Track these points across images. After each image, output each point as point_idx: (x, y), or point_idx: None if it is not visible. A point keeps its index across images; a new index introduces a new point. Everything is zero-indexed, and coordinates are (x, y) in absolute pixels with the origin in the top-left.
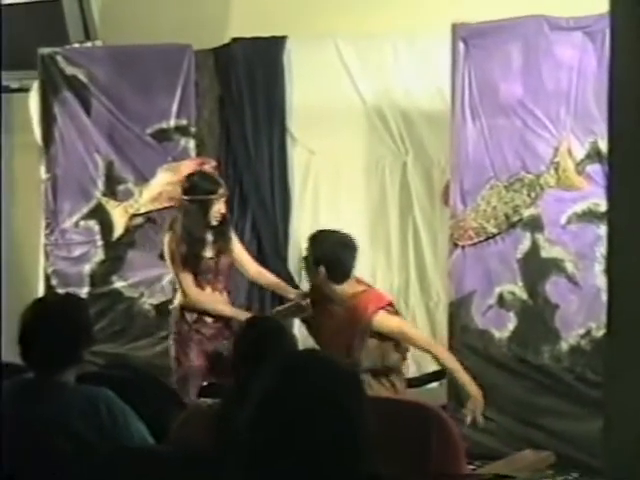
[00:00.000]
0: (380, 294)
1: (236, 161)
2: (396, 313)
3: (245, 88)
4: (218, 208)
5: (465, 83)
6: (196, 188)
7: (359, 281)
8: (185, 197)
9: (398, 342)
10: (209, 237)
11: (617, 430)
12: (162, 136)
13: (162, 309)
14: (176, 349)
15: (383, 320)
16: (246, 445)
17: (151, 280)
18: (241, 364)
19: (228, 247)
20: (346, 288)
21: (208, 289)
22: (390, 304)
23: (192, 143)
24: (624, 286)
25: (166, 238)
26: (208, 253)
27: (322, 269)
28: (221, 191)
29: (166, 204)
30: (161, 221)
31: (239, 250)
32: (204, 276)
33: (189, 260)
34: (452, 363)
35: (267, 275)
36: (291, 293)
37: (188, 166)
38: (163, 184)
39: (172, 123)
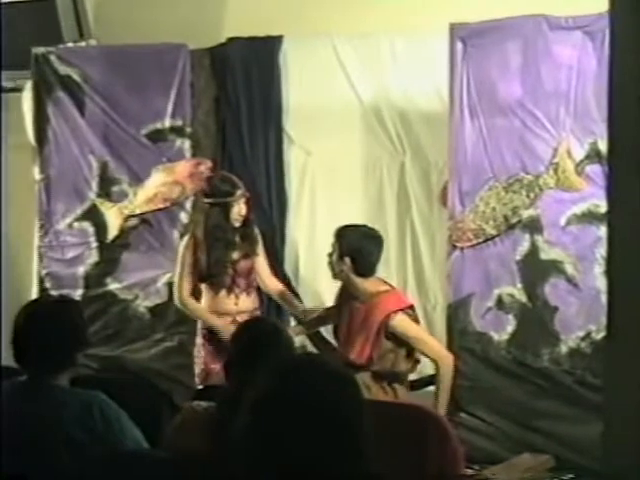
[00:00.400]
0: (401, 296)
1: (232, 162)
2: (416, 319)
3: (241, 88)
4: (238, 210)
5: (463, 83)
6: (216, 190)
7: (384, 281)
8: (206, 200)
9: (411, 351)
10: (236, 239)
11: (617, 434)
12: (157, 137)
13: (157, 311)
14: (203, 354)
15: (401, 322)
16: (242, 449)
17: (146, 282)
18: (236, 367)
19: (254, 249)
20: (370, 285)
21: (223, 292)
22: (411, 307)
23: (187, 144)
24: (624, 288)
25: (183, 241)
26: (235, 255)
27: (347, 260)
28: (239, 192)
29: (161, 205)
30: (156, 223)
31: (261, 255)
32: (220, 279)
33: (211, 265)
34: (446, 382)
35: (276, 282)
36: (296, 306)
37: (183, 167)
38: (158, 185)
39: (167, 123)
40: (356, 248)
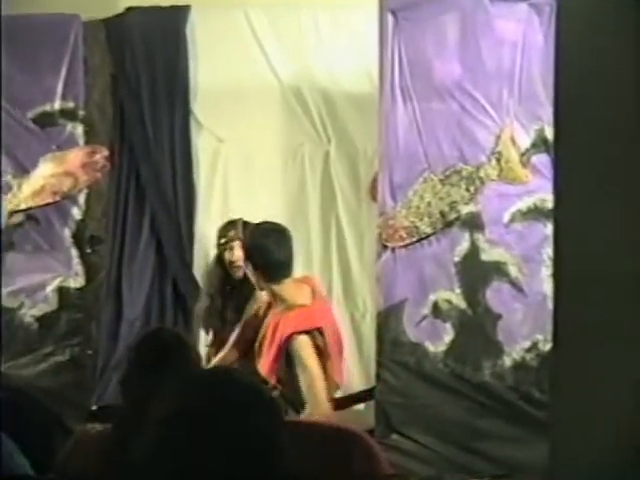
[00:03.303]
0: (312, 313)
1: (132, 150)
2: (323, 344)
3: (142, 65)
4: (229, 256)
5: (395, 61)
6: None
7: (310, 286)
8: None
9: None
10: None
11: (565, 456)
12: (45, 121)
13: (46, 321)
14: None
15: (299, 346)
16: (145, 472)
17: (33, 288)
18: (135, 383)
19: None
20: (288, 291)
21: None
22: (319, 330)
23: (80, 129)
24: (571, 293)
25: None
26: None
27: (250, 266)
28: (231, 234)
29: (50, 199)
30: (44, 219)
31: None
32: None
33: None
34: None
35: None
36: None
37: (76, 156)
38: (46, 176)
39: (57, 105)
40: (255, 251)
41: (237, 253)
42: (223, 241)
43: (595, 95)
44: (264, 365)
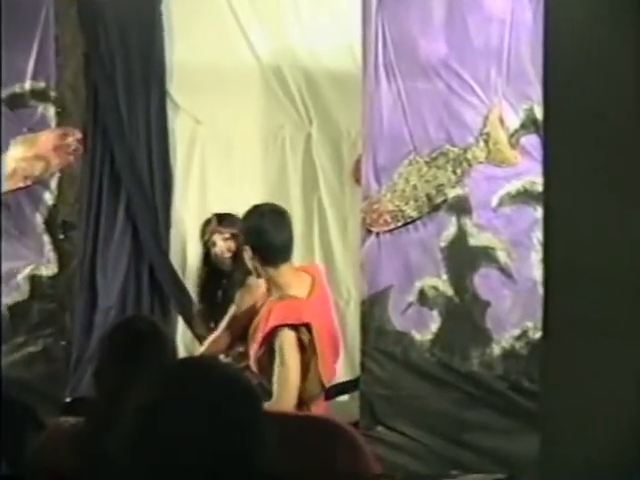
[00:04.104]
0: (303, 309)
1: (106, 132)
2: (309, 342)
3: (116, 44)
4: (214, 251)
5: (379, 39)
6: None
7: (311, 274)
8: None
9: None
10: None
11: (556, 447)
12: (15, 102)
13: (17, 311)
14: None
15: (282, 340)
16: (121, 466)
17: (3, 276)
18: (109, 374)
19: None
20: (285, 278)
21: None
22: (307, 326)
23: (52, 110)
24: (562, 278)
25: None
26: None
27: (248, 249)
28: (210, 228)
29: (21, 184)
30: (15, 205)
31: None
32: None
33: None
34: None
35: None
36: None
37: (47, 138)
38: (17, 159)
39: (27, 86)
40: (250, 232)
41: (220, 245)
42: (205, 239)
43: (585, 73)
44: (251, 352)
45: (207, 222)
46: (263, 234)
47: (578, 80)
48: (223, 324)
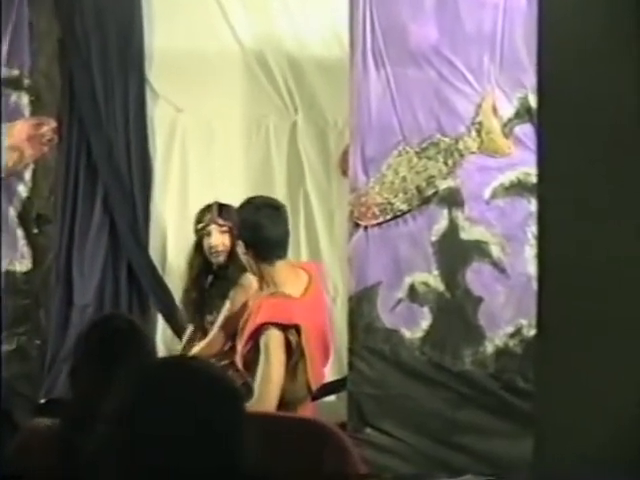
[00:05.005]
0: (294, 309)
1: (82, 121)
2: (296, 345)
3: (92, 29)
4: (207, 242)
5: (366, 24)
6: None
7: (307, 272)
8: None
9: (295, 371)
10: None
11: (549, 448)
12: None
13: None
14: None
15: (268, 339)
16: (98, 468)
17: None
18: (85, 373)
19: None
20: (280, 274)
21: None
22: (296, 327)
23: (26, 99)
24: (556, 273)
25: None
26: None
27: (242, 244)
28: (207, 218)
29: None
30: None
31: None
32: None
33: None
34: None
35: None
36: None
37: (21, 128)
38: None
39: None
40: (244, 226)
41: (215, 237)
42: (200, 226)
43: (581, 61)
44: (239, 347)
45: (206, 209)
46: (258, 229)
47: (574, 67)
48: (217, 325)
